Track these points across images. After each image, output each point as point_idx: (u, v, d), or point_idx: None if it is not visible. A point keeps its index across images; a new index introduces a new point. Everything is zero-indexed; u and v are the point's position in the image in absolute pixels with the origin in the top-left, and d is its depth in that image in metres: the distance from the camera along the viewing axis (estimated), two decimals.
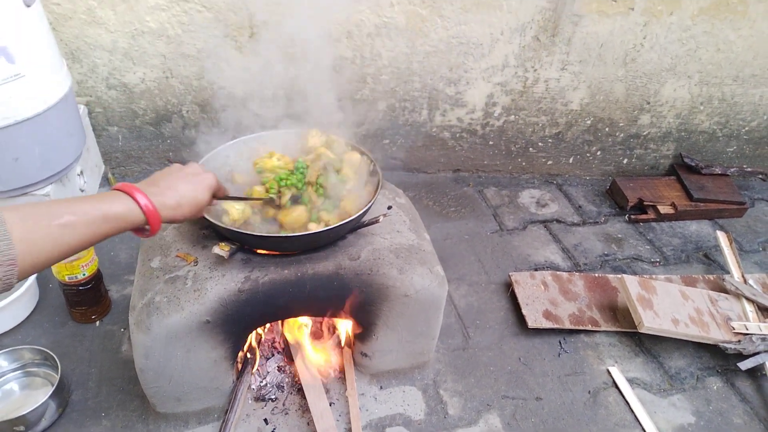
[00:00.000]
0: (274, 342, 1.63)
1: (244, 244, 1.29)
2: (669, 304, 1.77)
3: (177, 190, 0.99)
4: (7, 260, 0.72)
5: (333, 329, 1.66)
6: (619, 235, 2.33)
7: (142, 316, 1.23)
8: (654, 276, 2.02)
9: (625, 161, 2.67)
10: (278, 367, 1.58)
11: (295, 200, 1.34)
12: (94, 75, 2.05)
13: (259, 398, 1.51)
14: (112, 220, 0.87)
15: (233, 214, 1.29)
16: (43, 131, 1.66)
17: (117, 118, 2.19)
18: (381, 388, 1.58)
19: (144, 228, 0.94)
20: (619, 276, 1.84)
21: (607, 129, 2.53)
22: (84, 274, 1.56)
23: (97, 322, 1.68)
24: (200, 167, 1.08)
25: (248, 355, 1.53)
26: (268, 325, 1.62)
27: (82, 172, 2.00)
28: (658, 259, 2.21)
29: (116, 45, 1.98)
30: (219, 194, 1.13)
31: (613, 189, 2.56)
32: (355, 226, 1.37)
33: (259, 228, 1.31)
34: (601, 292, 1.93)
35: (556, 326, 1.78)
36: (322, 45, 2.10)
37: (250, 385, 1.52)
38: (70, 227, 0.81)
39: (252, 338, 1.54)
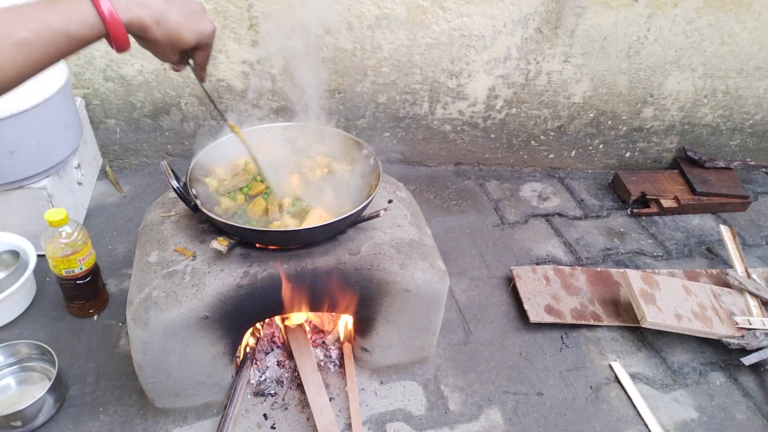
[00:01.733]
0: (273, 337, 1.62)
1: (243, 239, 1.28)
2: (672, 299, 1.75)
3: (167, 6, 0.83)
4: None
5: (333, 324, 1.65)
6: (622, 229, 2.31)
7: (140, 311, 1.22)
8: (657, 270, 2.01)
9: (627, 155, 2.64)
10: (277, 362, 1.57)
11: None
12: (91, 67, 2.03)
13: (259, 393, 1.49)
14: (76, 36, 0.74)
15: (225, 203, 1.28)
16: (39, 124, 1.64)
17: (114, 110, 2.16)
18: (381, 383, 1.57)
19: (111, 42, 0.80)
20: (622, 270, 1.82)
21: (609, 122, 2.50)
22: (81, 268, 1.55)
23: (95, 317, 1.67)
24: (204, 9, 0.92)
25: (247, 351, 1.52)
26: (267, 320, 1.60)
27: (79, 165, 1.98)
28: (660, 254, 2.20)
29: None
30: (201, 55, 0.95)
31: (615, 182, 2.54)
32: (356, 220, 1.35)
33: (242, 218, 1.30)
34: (603, 287, 1.92)
35: (557, 321, 1.77)
36: (321, 36, 2.08)
37: (249, 380, 1.50)
38: (26, 46, 0.70)
39: (251, 333, 1.53)
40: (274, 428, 1.42)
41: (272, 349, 1.59)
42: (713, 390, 1.67)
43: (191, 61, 0.98)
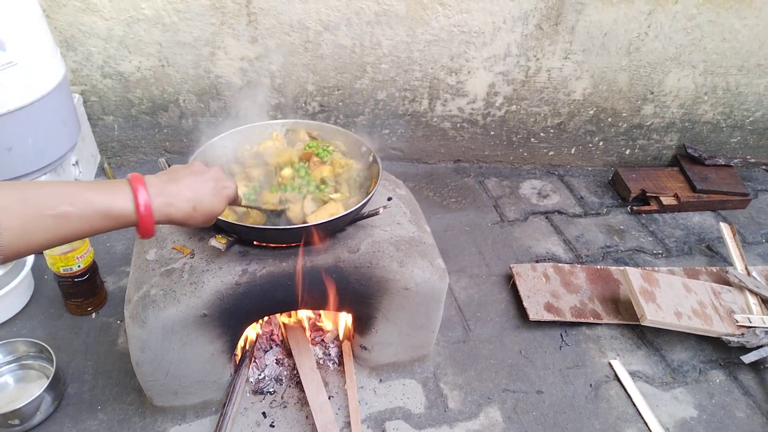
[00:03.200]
0: (272, 335, 1.61)
1: (242, 237, 1.27)
2: (672, 297, 1.75)
3: (197, 193, 0.90)
4: None
5: (332, 322, 1.64)
6: (622, 227, 2.30)
7: (138, 309, 1.21)
8: (656, 268, 2.00)
9: (627, 152, 2.64)
10: (276, 360, 1.56)
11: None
12: (88, 63, 2.02)
13: (258, 391, 1.49)
14: (111, 218, 0.79)
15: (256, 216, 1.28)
16: (36, 120, 1.63)
17: (112, 107, 2.15)
18: (380, 381, 1.56)
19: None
20: (622, 268, 1.82)
21: (609, 119, 2.50)
22: (79, 266, 1.54)
23: (93, 315, 1.66)
24: (222, 173, 0.99)
25: (246, 349, 1.51)
26: (266, 318, 1.60)
27: (77, 162, 1.97)
28: (660, 251, 2.19)
29: (111, 33, 1.95)
30: (234, 203, 1.05)
31: (615, 180, 2.53)
32: (355, 217, 1.34)
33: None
34: (603, 285, 1.91)
35: (557, 319, 1.77)
36: (320, 33, 2.07)
37: (248, 379, 1.50)
38: (64, 219, 0.74)
39: (249, 331, 1.52)
40: (273, 426, 1.42)
41: (271, 347, 1.59)
42: (713, 388, 1.67)
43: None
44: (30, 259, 1.65)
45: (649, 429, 1.52)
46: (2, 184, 0.71)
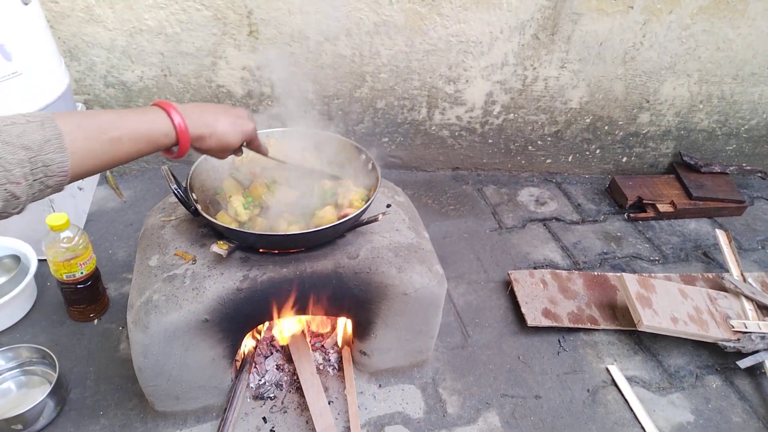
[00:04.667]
0: (272, 340, 1.63)
1: (243, 243, 1.29)
2: (668, 303, 1.77)
3: (216, 120, 1.02)
4: (62, 171, 0.78)
5: (332, 327, 1.66)
6: (619, 234, 2.32)
7: (140, 314, 1.23)
8: (653, 274, 2.02)
9: (624, 160, 2.66)
10: (277, 365, 1.57)
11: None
12: (92, 73, 2.05)
13: (258, 397, 1.50)
14: (154, 141, 0.91)
15: (241, 215, 1.30)
16: None
17: None
18: (380, 386, 1.58)
19: (172, 149, 0.97)
20: (618, 274, 1.84)
21: (606, 127, 2.52)
22: (82, 273, 1.56)
23: (95, 321, 1.68)
24: (246, 113, 1.11)
25: (246, 354, 1.53)
26: (266, 324, 1.61)
27: None
28: (657, 258, 2.21)
29: (114, 43, 1.98)
30: (252, 145, 1.16)
31: (612, 187, 2.56)
32: (354, 224, 1.36)
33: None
34: (600, 291, 1.93)
35: (555, 324, 1.78)
36: (320, 43, 2.10)
37: (248, 384, 1.51)
38: (117, 142, 0.85)
39: (250, 337, 1.54)
40: (274, 431, 1.43)
41: (271, 353, 1.60)
42: (709, 393, 1.68)
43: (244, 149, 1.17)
44: (33, 267, 1.67)
45: None
46: (60, 115, 0.80)
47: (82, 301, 1.63)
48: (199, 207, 1.25)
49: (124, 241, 1.98)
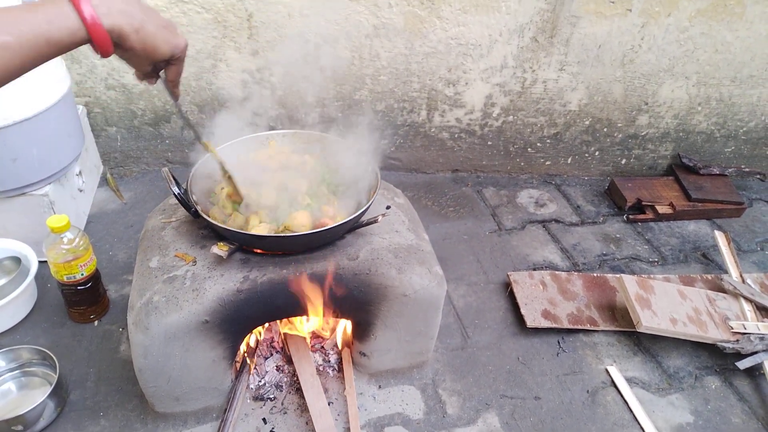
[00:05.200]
0: (272, 341, 1.63)
1: (243, 244, 1.30)
2: (667, 304, 1.77)
3: (147, 17, 0.83)
4: None
5: (332, 329, 1.66)
6: (618, 235, 2.33)
7: (141, 315, 1.23)
8: (652, 276, 2.02)
9: (623, 161, 2.67)
10: (277, 366, 1.58)
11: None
12: (93, 75, 2.06)
13: (258, 398, 1.51)
14: (57, 42, 0.74)
15: (227, 208, 1.30)
16: (41, 132, 1.66)
17: (116, 118, 2.19)
18: (380, 387, 1.58)
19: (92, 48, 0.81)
20: (618, 276, 1.84)
21: (605, 129, 2.53)
22: (82, 274, 1.56)
23: (96, 322, 1.68)
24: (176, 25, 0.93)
25: (246, 355, 1.53)
26: (266, 325, 1.62)
27: (80, 173, 2.00)
28: (656, 259, 2.22)
29: None
30: (172, 71, 0.97)
31: (611, 189, 2.56)
32: (354, 225, 1.37)
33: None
34: (599, 292, 1.93)
35: (554, 326, 1.79)
36: (320, 46, 2.11)
37: (248, 385, 1.52)
38: (7, 50, 0.70)
39: (250, 338, 1.54)
40: None
41: (271, 354, 1.61)
42: (709, 394, 1.68)
43: (162, 75, 0.99)
44: (34, 268, 1.67)
45: None
46: None
47: (83, 302, 1.63)
48: (199, 209, 1.26)
49: (124, 242, 1.99)
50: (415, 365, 1.62)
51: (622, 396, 1.63)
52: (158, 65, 0.94)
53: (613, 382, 1.67)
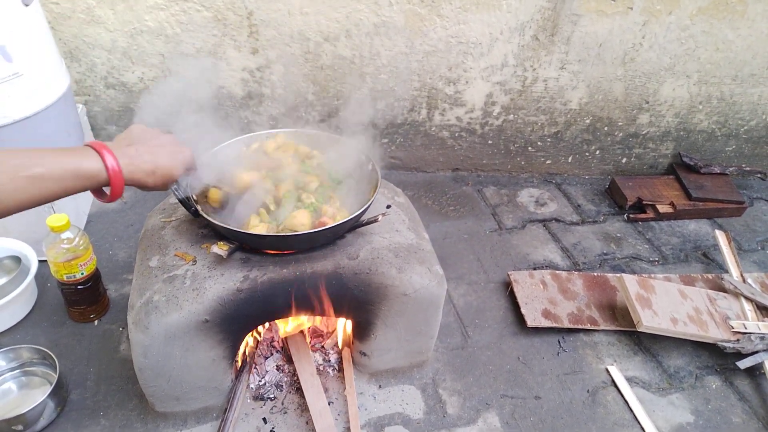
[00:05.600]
0: (272, 341, 1.63)
1: (243, 243, 1.29)
2: (668, 303, 1.77)
3: (155, 156, 0.97)
4: None
5: (332, 328, 1.66)
6: (618, 235, 2.33)
7: (141, 315, 1.23)
8: (653, 275, 2.02)
9: (624, 160, 2.67)
10: (277, 366, 1.58)
11: None
12: (92, 74, 2.05)
13: (258, 397, 1.50)
14: (81, 178, 0.86)
15: (213, 194, 1.30)
16: (41, 130, 1.66)
17: (115, 117, 2.18)
18: (380, 387, 1.58)
19: (104, 191, 0.93)
20: (618, 275, 1.84)
21: (606, 128, 2.53)
22: (82, 273, 1.56)
23: (96, 322, 1.68)
24: (176, 139, 1.06)
25: (246, 355, 1.53)
26: (266, 324, 1.62)
27: None
28: (656, 258, 2.22)
29: (115, 44, 1.98)
30: (190, 170, 1.12)
31: (612, 188, 2.56)
32: (354, 225, 1.36)
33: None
34: (600, 291, 1.93)
35: (555, 325, 1.78)
36: (320, 44, 2.10)
37: (248, 385, 1.51)
38: (38, 180, 0.80)
39: (250, 337, 1.54)
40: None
41: (271, 354, 1.61)
42: (709, 393, 1.68)
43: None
44: (33, 268, 1.67)
45: None
46: None
47: (83, 302, 1.63)
48: (199, 208, 1.25)
49: (124, 242, 1.98)
50: (415, 365, 1.62)
51: (622, 395, 1.63)
52: None
53: (613, 381, 1.67)
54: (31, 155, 0.82)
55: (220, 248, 1.24)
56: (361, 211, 1.28)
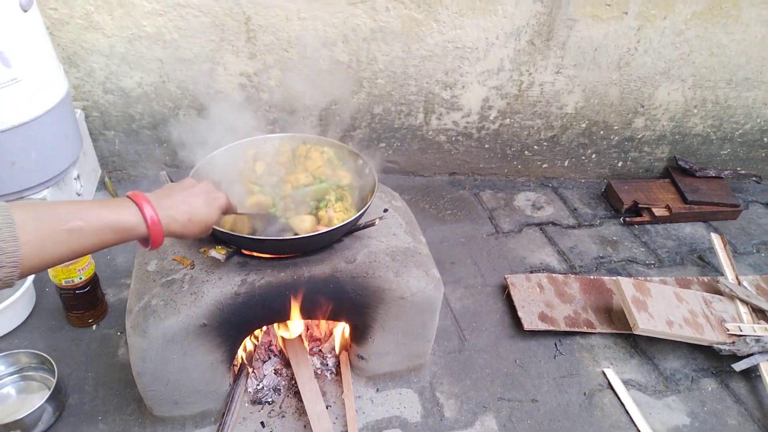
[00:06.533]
0: (270, 345, 1.63)
1: (241, 247, 1.30)
2: (663, 306, 1.78)
3: (191, 206, 0.98)
4: (11, 262, 0.71)
5: (329, 332, 1.67)
6: (614, 238, 2.34)
7: (139, 319, 1.23)
8: (649, 278, 2.03)
9: (620, 164, 2.68)
10: (275, 370, 1.58)
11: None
12: (91, 79, 2.06)
13: (256, 401, 1.51)
14: (120, 231, 0.86)
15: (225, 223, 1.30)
16: (39, 135, 1.66)
17: (114, 122, 2.19)
18: (377, 390, 1.58)
19: (146, 240, 0.93)
20: (614, 278, 1.85)
21: (601, 132, 2.54)
22: (81, 278, 1.57)
23: (94, 326, 1.68)
24: (212, 185, 1.07)
25: (244, 359, 1.53)
26: (264, 328, 1.62)
27: (78, 177, 2.00)
28: (652, 262, 2.23)
29: (113, 49, 1.99)
30: (227, 213, 1.12)
31: (608, 192, 2.57)
32: (352, 229, 1.37)
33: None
34: (596, 294, 1.94)
35: (551, 328, 1.79)
36: (318, 49, 2.11)
37: (246, 388, 1.52)
38: (77, 233, 0.80)
39: (248, 341, 1.54)
40: None
41: (269, 358, 1.61)
42: (705, 396, 1.69)
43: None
44: None
45: None
46: (16, 205, 0.75)
47: (81, 306, 1.63)
48: None
49: (122, 246, 1.97)
50: (412, 368, 1.63)
51: (618, 398, 1.64)
52: None
53: (609, 384, 1.68)
54: (70, 208, 0.82)
55: (218, 252, 1.25)
56: (358, 214, 1.29)
